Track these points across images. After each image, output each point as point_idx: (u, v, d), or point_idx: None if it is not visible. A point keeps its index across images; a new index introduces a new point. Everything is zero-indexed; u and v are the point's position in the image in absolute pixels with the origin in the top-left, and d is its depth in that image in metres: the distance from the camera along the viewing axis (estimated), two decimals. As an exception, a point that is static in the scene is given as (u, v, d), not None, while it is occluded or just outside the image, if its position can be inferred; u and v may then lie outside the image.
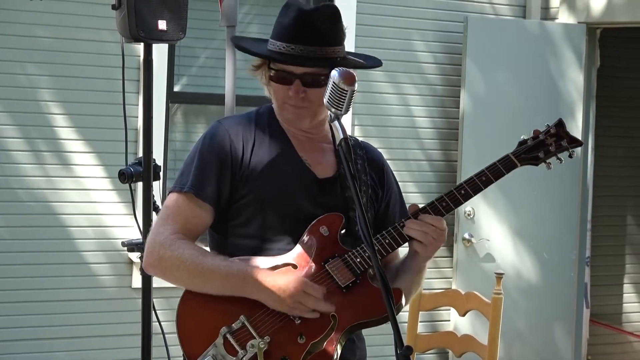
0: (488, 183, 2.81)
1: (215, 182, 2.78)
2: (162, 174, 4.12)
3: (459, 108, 6.53)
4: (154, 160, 3.94)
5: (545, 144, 2.86)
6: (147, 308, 3.89)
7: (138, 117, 5.49)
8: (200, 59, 6.25)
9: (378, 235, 2.78)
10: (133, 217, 4.15)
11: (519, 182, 6.46)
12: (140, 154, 3.99)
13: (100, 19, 5.48)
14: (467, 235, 6.45)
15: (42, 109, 5.54)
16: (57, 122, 5.57)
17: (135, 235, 4.23)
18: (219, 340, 2.70)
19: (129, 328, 5.42)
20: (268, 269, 2.73)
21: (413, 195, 6.12)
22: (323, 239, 2.78)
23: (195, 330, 2.74)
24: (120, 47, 3.98)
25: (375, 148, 3.06)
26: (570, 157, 2.89)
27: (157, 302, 4.00)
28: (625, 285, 8.03)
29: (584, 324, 6.96)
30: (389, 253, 2.80)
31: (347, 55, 2.88)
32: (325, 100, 2.60)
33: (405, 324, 4.65)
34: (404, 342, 2.38)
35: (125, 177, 3.93)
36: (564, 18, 6.80)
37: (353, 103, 2.60)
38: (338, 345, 2.73)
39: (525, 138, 2.86)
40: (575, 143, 2.89)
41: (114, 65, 5.12)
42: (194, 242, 2.80)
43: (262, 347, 2.68)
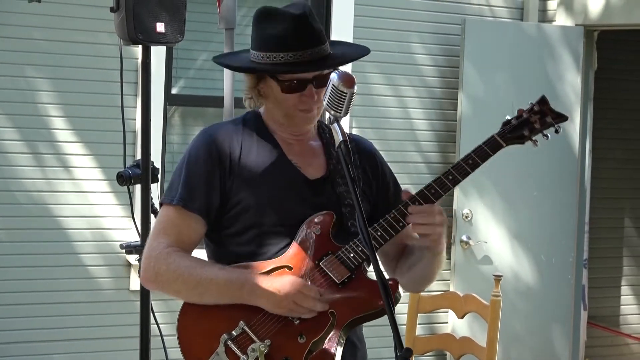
0: (475, 166, 2.80)
1: (204, 192, 2.78)
2: (160, 177, 4.12)
3: (457, 110, 6.53)
4: (152, 163, 3.94)
5: (530, 122, 2.85)
6: (145, 310, 3.88)
7: (136, 119, 5.48)
8: (198, 62, 6.25)
9: (369, 228, 2.77)
10: (131, 219, 4.15)
11: (517, 184, 6.47)
12: (139, 157, 3.98)
13: (99, 22, 5.48)
14: (464, 238, 6.45)
15: (40, 112, 5.54)
16: (55, 124, 5.57)
17: (134, 238, 4.22)
18: (221, 348, 2.71)
19: (127, 330, 5.41)
20: (264, 274, 2.74)
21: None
22: (316, 238, 2.78)
23: (197, 341, 2.74)
24: (119, 49, 3.98)
25: (365, 139, 3.04)
26: (557, 132, 2.86)
27: (155, 304, 3.99)
28: (623, 288, 8.04)
29: (582, 326, 6.97)
30: (382, 245, 2.78)
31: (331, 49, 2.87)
32: (325, 103, 2.60)
33: (404, 326, 4.65)
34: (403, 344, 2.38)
35: (124, 179, 3.93)
36: (562, 20, 6.81)
37: (352, 105, 2.60)
38: (339, 342, 2.73)
39: (510, 118, 2.86)
40: (560, 118, 2.86)
41: (112, 68, 5.11)
42: (190, 252, 2.80)
43: (263, 350, 2.69)
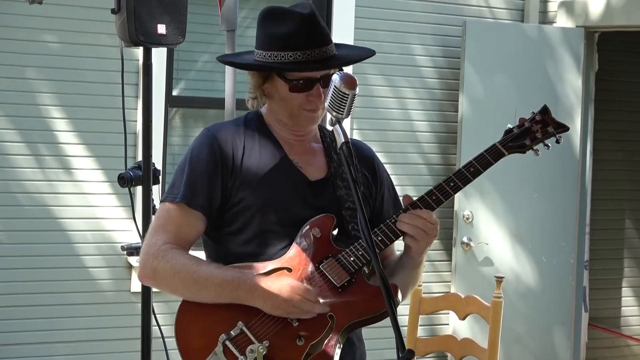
0: (477, 174, 2.82)
1: (207, 191, 2.78)
2: (161, 178, 4.12)
3: (458, 112, 6.53)
4: (153, 164, 3.94)
5: (531, 131, 2.87)
6: (146, 312, 3.88)
7: (137, 121, 5.49)
8: (199, 63, 6.26)
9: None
10: (132, 221, 4.15)
11: (518, 185, 6.47)
12: (140, 158, 3.98)
13: (100, 23, 5.48)
14: (465, 239, 6.45)
15: (41, 113, 5.54)
16: (56, 126, 5.57)
17: (135, 240, 4.23)
18: (219, 348, 2.70)
19: (129, 332, 5.41)
20: (262, 274, 2.74)
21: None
22: (316, 241, 2.78)
23: (195, 340, 2.74)
24: (120, 51, 3.98)
25: (364, 143, 3.06)
26: (558, 142, 2.89)
27: (156, 306, 4.00)
28: (624, 289, 8.04)
29: (583, 328, 6.97)
30: (382, 250, 2.79)
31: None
32: (327, 104, 2.61)
33: (405, 328, 4.65)
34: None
35: (125, 181, 3.93)
36: (562, 22, 6.81)
37: (353, 107, 2.61)
38: (337, 345, 2.73)
39: (512, 127, 2.88)
40: (562, 128, 2.89)
41: (113, 70, 5.12)
42: (188, 250, 2.81)
43: (261, 351, 2.69)
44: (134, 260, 5.49)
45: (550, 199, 6.60)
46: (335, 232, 2.82)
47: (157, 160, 4.78)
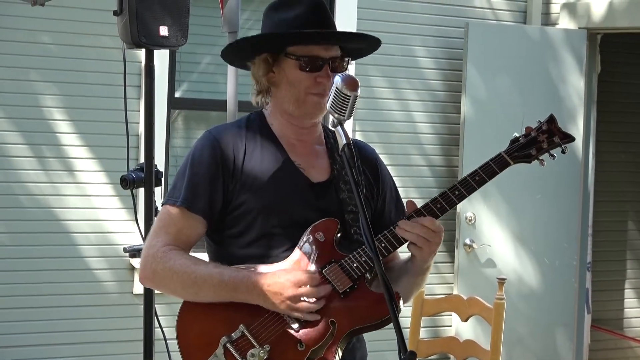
0: (482, 183, 2.80)
1: (208, 194, 2.77)
2: (163, 180, 4.12)
3: (460, 113, 6.53)
4: (156, 166, 3.94)
5: (538, 141, 2.84)
6: (149, 314, 3.88)
7: (139, 123, 5.49)
8: (202, 65, 6.26)
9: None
10: (135, 223, 4.15)
11: (520, 187, 6.47)
12: (142, 160, 3.98)
13: (102, 25, 5.49)
14: (468, 241, 6.45)
15: (44, 115, 5.54)
16: (59, 128, 5.57)
17: (137, 241, 4.23)
18: (220, 350, 2.69)
19: (131, 334, 5.41)
20: (261, 273, 2.72)
21: (414, 201, 6.10)
22: (319, 245, 2.77)
23: (196, 342, 2.73)
24: (122, 53, 3.98)
25: (367, 144, 3.04)
26: (564, 152, 2.86)
27: (159, 308, 3.99)
28: (627, 291, 8.03)
29: (585, 330, 6.96)
30: (385, 257, 2.78)
31: None
32: (328, 106, 2.61)
33: (408, 330, 4.65)
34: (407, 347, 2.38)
35: (127, 183, 3.93)
36: (565, 23, 6.81)
37: (355, 108, 2.60)
38: (338, 351, 2.72)
39: (518, 136, 2.86)
40: (568, 139, 2.85)
41: (116, 71, 5.12)
42: (188, 252, 2.80)
43: (262, 356, 2.68)
44: (137, 262, 5.48)
45: (553, 201, 6.60)
46: (339, 235, 2.80)
47: (159, 162, 4.78)
